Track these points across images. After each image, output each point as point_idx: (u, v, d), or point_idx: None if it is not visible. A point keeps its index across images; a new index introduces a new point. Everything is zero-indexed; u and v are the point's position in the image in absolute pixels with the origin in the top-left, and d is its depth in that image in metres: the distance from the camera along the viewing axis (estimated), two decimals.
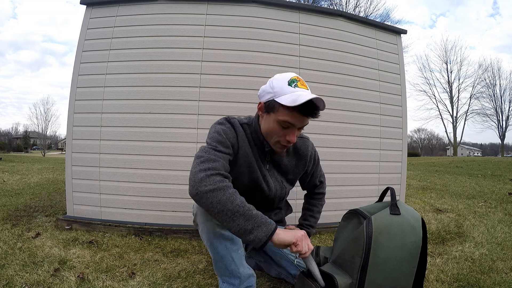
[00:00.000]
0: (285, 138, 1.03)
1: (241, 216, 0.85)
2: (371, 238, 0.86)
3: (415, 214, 0.93)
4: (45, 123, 37.80)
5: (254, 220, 0.86)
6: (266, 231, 0.85)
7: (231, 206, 0.86)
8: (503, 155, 30.66)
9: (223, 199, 0.86)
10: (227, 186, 0.89)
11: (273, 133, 1.05)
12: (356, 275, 0.87)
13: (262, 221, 0.86)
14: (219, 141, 1.03)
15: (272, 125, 1.03)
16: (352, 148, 2.27)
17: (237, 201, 0.87)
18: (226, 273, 1.05)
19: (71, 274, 1.34)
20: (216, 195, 0.86)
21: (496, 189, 4.07)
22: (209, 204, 0.87)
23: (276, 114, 1.00)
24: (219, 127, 1.07)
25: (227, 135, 1.06)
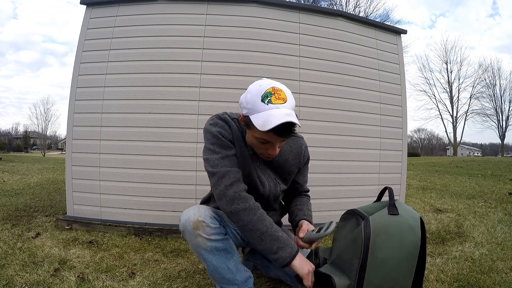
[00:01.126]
0: (267, 152, 1.01)
1: (269, 236, 0.94)
2: (369, 238, 0.85)
3: (414, 214, 0.92)
4: (45, 123, 37.82)
5: (281, 241, 0.95)
6: (290, 253, 0.94)
7: (260, 226, 0.95)
8: (503, 155, 30.66)
9: (254, 218, 0.95)
10: (256, 206, 0.97)
11: (254, 146, 1.03)
12: (354, 276, 0.87)
13: (286, 243, 0.95)
14: (221, 145, 1.01)
15: (251, 140, 1.01)
16: (352, 148, 2.27)
17: (265, 222, 0.96)
18: (224, 281, 1.05)
19: (71, 274, 1.34)
20: (248, 214, 0.95)
21: (496, 189, 4.07)
22: (240, 222, 0.96)
23: (252, 131, 0.97)
24: (214, 130, 1.03)
25: (224, 135, 1.03)
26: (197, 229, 0.98)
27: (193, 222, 0.98)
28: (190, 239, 1.01)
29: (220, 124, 1.05)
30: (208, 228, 0.99)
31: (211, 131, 1.03)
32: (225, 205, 0.97)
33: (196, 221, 0.98)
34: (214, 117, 1.07)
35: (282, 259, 0.94)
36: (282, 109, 0.90)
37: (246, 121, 0.97)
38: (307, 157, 1.25)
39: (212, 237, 0.99)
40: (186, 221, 1.00)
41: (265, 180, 1.13)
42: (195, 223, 0.98)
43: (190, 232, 0.99)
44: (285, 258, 0.94)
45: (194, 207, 1.05)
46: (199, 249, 1.01)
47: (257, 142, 1.00)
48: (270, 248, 0.94)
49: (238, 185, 0.98)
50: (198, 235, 0.98)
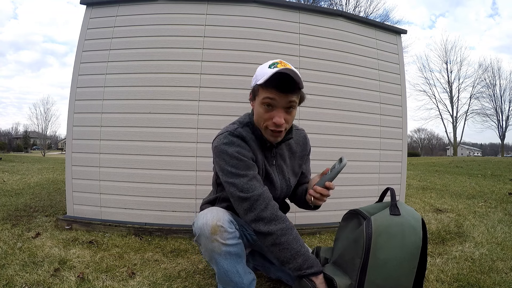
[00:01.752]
0: (272, 121, 0.99)
1: (302, 256, 0.95)
2: (371, 239, 0.85)
3: (415, 215, 0.92)
4: (45, 123, 37.84)
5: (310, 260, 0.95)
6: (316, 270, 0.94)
7: (296, 246, 0.95)
8: (503, 155, 30.64)
9: (290, 239, 0.95)
10: (293, 226, 0.98)
11: (260, 117, 1.02)
12: (356, 276, 0.87)
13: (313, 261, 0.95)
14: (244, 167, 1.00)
15: (258, 109, 1.01)
16: (352, 148, 2.27)
17: (300, 241, 0.97)
18: (230, 284, 1.05)
19: (71, 274, 1.34)
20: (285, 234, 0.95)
21: (496, 189, 4.07)
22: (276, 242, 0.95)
23: (258, 97, 1.01)
24: (232, 150, 1.00)
25: (245, 156, 1.01)
26: (214, 234, 0.96)
27: (211, 227, 0.96)
28: (205, 243, 0.99)
29: (237, 143, 1.02)
30: (226, 233, 0.97)
31: (229, 152, 1.00)
32: (263, 227, 0.95)
33: (215, 226, 0.96)
34: (227, 135, 1.03)
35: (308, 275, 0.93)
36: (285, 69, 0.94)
37: (254, 90, 1.03)
38: (310, 146, 1.29)
39: (228, 241, 0.98)
40: (204, 225, 0.97)
41: (278, 182, 1.14)
42: (213, 228, 0.96)
43: (207, 237, 0.97)
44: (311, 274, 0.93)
45: (211, 210, 1.03)
46: (212, 254, 0.99)
47: (263, 110, 0.99)
48: (299, 265, 0.94)
49: (273, 206, 0.98)
50: (215, 240, 0.96)
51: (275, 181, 1.12)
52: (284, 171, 1.16)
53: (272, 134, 1.03)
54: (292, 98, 0.98)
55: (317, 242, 1.96)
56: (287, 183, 1.16)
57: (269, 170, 1.11)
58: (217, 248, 0.97)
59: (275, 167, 1.14)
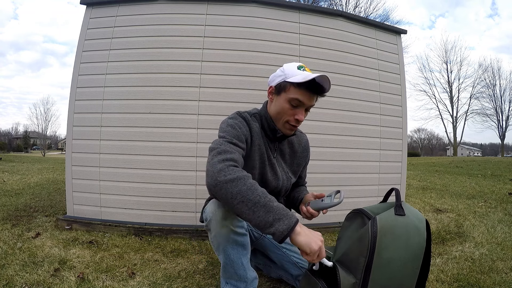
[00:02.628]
0: (294, 117, 1.08)
1: (262, 207, 0.82)
2: (376, 238, 0.85)
3: (419, 215, 0.93)
4: (45, 123, 37.84)
5: (276, 212, 0.82)
6: (288, 224, 0.81)
7: (252, 196, 0.83)
8: (503, 155, 30.64)
9: (243, 189, 0.83)
10: (247, 176, 0.87)
11: (283, 112, 1.09)
12: (360, 275, 0.87)
13: (283, 214, 0.82)
14: (234, 135, 1.03)
15: (283, 105, 1.07)
16: (352, 148, 2.27)
17: (258, 191, 0.84)
18: (234, 277, 1.05)
19: (71, 274, 1.34)
20: (237, 184, 0.84)
21: (496, 189, 4.07)
22: (228, 194, 0.84)
23: (286, 93, 1.06)
24: (232, 121, 1.08)
25: (241, 129, 1.06)
26: (225, 219, 0.97)
27: (223, 212, 0.97)
28: (215, 228, 0.99)
29: (239, 120, 1.11)
30: (236, 220, 0.98)
31: (229, 122, 1.08)
32: (210, 179, 0.86)
33: (226, 212, 0.97)
34: (235, 113, 1.14)
35: (280, 232, 0.80)
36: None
37: (282, 86, 1.07)
38: (310, 153, 1.36)
39: (237, 229, 0.99)
40: (215, 210, 0.98)
41: (280, 172, 1.20)
42: (224, 213, 0.97)
43: (218, 221, 0.97)
44: (283, 231, 0.80)
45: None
46: (221, 240, 0.99)
47: (288, 106, 1.07)
48: (265, 220, 0.81)
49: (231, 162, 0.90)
50: (225, 226, 0.97)
51: (278, 171, 1.19)
52: (283, 166, 1.23)
53: (290, 128, 1.12)
54: (314, 102, 1.09)
55: None
56: (287, 175, 1.23)
57: (272, 160, 1.18)
58: (226, 235, 0.98)
59: (275, 160, 1.20)
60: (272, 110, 1.13)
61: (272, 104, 1.13)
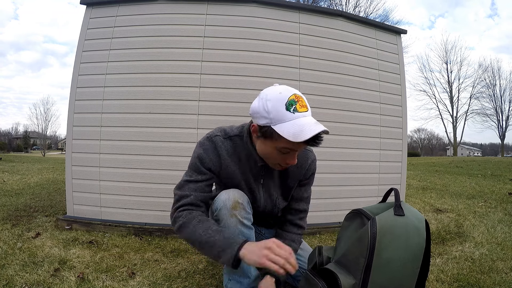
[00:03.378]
0: (285, 161, 0.96)
1: (206, 244, 0.91)
2: (376, 238, 0.85)
3: (418, 216, 0.92)
4: (45, 123, 37.87)
5: (218, 245, 0.89)
6: (231, 253, 0.86)
7: (196, 237, 0.93)
8: (503, 155, 30.64)
9: (188, 231, 0.95)
10: (191, 218, 0.95)
11: (271, 157, 0.97)
12: (360, 275, 0.87)
13: (225, 244, 0.89)
14: (194, 169, 1.04)
15: (270, 151, 0.95)
16: (352, 148, 2.27)
17: (198, 231, 0.93)
18: (238, 272, 1.04)
19: (71, 274, 1.34)
20: (184, 230, 0.95)
21: (496, 189, 4.07)
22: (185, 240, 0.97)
23: (274, 142, 0.91)
24: (197, 152, 1.04)
25: (202, 161, 1.03)
26: (234, 209, 0.99)
27: (232, 202, 0.99)
28: (225, 216, 1.00)
29: (205, 147, 1.05)
30: (244, 211, 1.00)
31: (194, 154, 1.05)
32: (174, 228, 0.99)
33: (236, 202, 0.99)
34: (206, 137, 1.07)
35: (227, 261, 0.87)
36: (308, 117, 0.88)
37: (267, 132, 0.90)
38: (312, 171, 1.17)
39: (244, 221, 1.00)
40: (227, 200, 1.00)
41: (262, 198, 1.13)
42: (234, 203, 0.99)
43: (228, 209, 0.99)
44: (229, 260, 0.86)
45: (233, 190, 1.05)
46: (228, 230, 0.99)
47: (277, 152, 0.94)
48: (213, 255, 0.91)
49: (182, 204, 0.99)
50: (233, 215, 0.99)
51: (257, 197, 1.12)
52: (271, 190, 1.12)
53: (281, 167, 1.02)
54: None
55: (317, 242, 1.96)
56: (273, 202, 1.14)
57: (252, 186, 1.10)
58: (233, 224, 0.99)
59: (261, 185, 1.11)
60: (258, 149, 0.99)
61: (258, 143, 0.98)
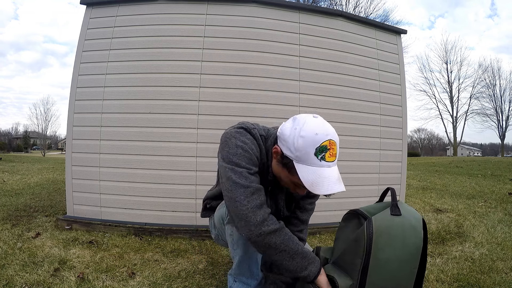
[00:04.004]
0: (295, 190, 0.97)
1: (300, 254, 0.91)
2: (372, 239, 0.85)
3: (416, 215, 0.92)
4: (45, 123, 37.82)
5: (309, 257, 0.92)
6: (317, 266, 0.92)
7: (293, 245, 0.90)
8: (503, 155, 30.63)
9: (285, 238, 0.90)
10: (283, 226, 0.92)
11: (282, 181, 0.97)
12: (357, 276, 0.87)
13: (313, 257, 0.93)
14: (248, 159, 0.92)
15: (285, 178, 0.95)
16: (352, 148, 2.27)
17: (295, 240, 0.92)
18: (247, 274, 1.04)
19: (71, 274, 1.34)
20: (280, 235, 0.89)
21: (496, 189, 4.07)
22: (272, 244, 0.88)
23: (292, 176, 0.90)
24: (241, 143, 0.93)
25: (253, 151, 0.94)
26: None
27: None
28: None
29: (249, 138, 0.96)
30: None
31: (238, 142, 0.93)
32: (253, 227, 0.86)
33: None
34: (243, 127, 0.97)
35: (313, 273, 0.90)
36: (333, 168, 0.88)
37: (287, 164, 0.90)
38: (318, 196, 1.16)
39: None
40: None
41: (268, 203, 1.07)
42: None
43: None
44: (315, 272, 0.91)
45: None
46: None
47: (290, 182, 0.94)
48: (301, 265, 0.90)
49: (266, 207, 0.91)
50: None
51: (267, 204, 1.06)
52: (277, 199, 1.09)
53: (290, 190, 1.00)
54: None
55: (317, 242, 1.96)
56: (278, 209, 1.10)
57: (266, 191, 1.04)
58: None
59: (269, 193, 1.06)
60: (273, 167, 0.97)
61: (274, 162, 0.96)
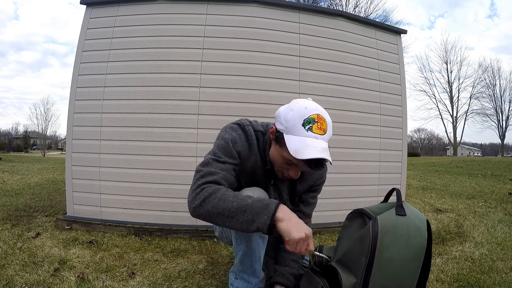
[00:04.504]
0: (288, 172, 0.98)
1: (237, 209, 0.81)
2: (377, 238, 0.85)
3: (420, 216, 0.93)
4: (45, 123, 37.86)
5: (252, 207, 0.81)
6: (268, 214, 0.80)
7: (225, 205, 0.82)
8: (503, 155, 30.63)
9: (215, 202, 0.83)
10: (217, 189, 0.86)
11: (277, 163, 0.99)
12: (361, 274, 0.87)
13: (260, 206, 0.81)
14: (224, 150, 0.96)
15: (277, 157, 0.97)
16: (352, 148, 2.27)
17: (229, 197, 0.83)
18: (248, 271, 1.04)
19: (71, 274, 1.34)
20: (209, 202, 0.84)
21: (496, 189, 4.07)
22: (206, 214, 0.84)
23: (281, 150, 0.94)
24: (228, 135, 0.99)
25: (234, 144, 0.98)
26: None
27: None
28: None
29: (238, 133, 1.01)
30: None
31: (226, 135, 0.99)
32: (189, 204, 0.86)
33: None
34: (237, 123, 1.03)
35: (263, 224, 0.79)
36: (319, 140, 0.88)
37: (279, 138, 0.93)
38: (322, 180, 1.19)
39: None
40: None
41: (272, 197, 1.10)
42: None
43: None
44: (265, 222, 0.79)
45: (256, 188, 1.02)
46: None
47: (282, 160, 0.96)
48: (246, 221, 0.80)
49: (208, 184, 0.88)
50: None
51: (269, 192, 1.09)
52: (281, 191, 1.11)
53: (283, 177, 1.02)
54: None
55: (317, 242, 1.96)
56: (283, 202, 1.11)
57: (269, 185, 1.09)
58: None
59: (272, 186, 1.10)
60: (270, 151, 1.01)
61: (272, 147, 1.01)
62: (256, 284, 1.05)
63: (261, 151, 1.03)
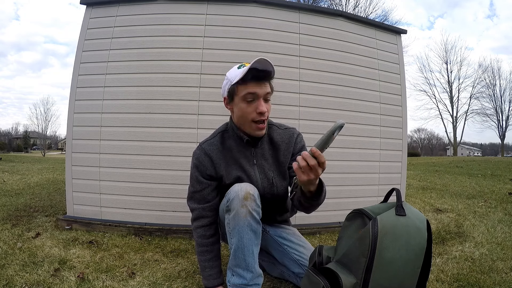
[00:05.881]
0: (256, 111, 1.08)
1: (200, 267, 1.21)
2: (377, 238, 0.85)
3: (420, 216, 0.93)
4: (45, 123, 37.81)
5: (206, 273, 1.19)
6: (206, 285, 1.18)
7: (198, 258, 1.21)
8: (503, 155, 30.63)
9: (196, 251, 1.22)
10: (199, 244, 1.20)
11: (245, 113, 1.10)
12: (361, 275, 0.87)
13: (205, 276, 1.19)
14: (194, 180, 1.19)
15: (241, 106, 1.09)
16: (352, 148, 2.27)
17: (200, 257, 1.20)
18: (242, 265, 1.06)
19: (71, 274, 1.34)
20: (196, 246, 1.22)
21: (496, 189, 4.07)
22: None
23: (238, 95, 1.09)
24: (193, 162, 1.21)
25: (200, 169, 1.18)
26: (246, 199, 1.04)
27: (245, 192, 1.04)
28: (236, 207, 1.04)
29: (197, 156, 1.20)
30: (254, 203, 1.05)
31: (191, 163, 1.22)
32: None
33: (248, 193, 1.04)
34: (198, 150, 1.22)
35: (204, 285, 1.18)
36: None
37: (230, 91, 1.10)
38: (301, 144, 1.27)
39: (254, 213, 1.04)
40: (239, 190, 1.05)
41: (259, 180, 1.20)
42: (246, 194, 1.04)
43: (240, 200, 1.04)
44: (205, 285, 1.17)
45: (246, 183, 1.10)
46: (238, 221, 1.04)
47: (245, 105, 1.08)
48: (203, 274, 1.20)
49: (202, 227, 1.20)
50: (244, 206, 1.03)
51: (254, 179, 1.19)
52: (265, 170, 1.21)
53: (257, 127, 1.11)
54: (268, 89, 1.09)
55: (317, 242, 1.96)
56: (269, 181, 1.21)
57: (248, 170, 1.19)
58: (243, 215, 1.03)
59: (256, 166, 1.21)
60: (235, 118, 1.16)
61: (234, 113, 1.16)
62: (251, 279, 1.06)
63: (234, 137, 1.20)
